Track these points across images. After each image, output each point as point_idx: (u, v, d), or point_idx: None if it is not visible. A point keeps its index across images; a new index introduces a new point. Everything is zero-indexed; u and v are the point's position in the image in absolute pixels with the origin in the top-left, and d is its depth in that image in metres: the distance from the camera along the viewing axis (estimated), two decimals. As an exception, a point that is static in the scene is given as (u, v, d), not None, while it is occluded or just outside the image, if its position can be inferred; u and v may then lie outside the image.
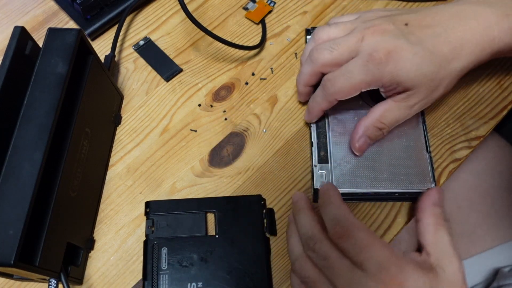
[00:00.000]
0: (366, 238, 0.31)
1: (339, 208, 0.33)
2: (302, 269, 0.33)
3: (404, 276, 0.30)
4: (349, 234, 0.31)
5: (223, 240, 0.37)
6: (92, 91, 0.37)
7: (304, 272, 0.33)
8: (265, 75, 0.45)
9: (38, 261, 0.29)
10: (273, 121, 0.43)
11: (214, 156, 0.42)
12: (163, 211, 0.38)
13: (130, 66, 0.46)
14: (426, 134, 0.40)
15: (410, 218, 0.39)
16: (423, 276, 0.30)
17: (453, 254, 0.32)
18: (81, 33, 0.35)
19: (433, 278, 0.30)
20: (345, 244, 0.31)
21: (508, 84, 0.44)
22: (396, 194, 0.38)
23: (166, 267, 0.36)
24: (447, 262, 0.32)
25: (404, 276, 0.30)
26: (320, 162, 0.39)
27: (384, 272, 0.29)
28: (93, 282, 0.37)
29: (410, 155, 0.39)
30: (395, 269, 0.30)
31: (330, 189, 0.34)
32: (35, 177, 0.29)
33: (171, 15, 0.49)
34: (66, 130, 0.34)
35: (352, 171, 0.38)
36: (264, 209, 0.39)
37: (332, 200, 0.33)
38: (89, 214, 0.38)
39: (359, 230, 0.31)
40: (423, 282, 0.30)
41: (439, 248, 0.32)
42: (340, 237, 0.31)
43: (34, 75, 0.32)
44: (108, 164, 0.41)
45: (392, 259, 0.30)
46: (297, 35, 0.47)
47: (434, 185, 0.38)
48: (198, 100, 0.44)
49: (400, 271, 0.30)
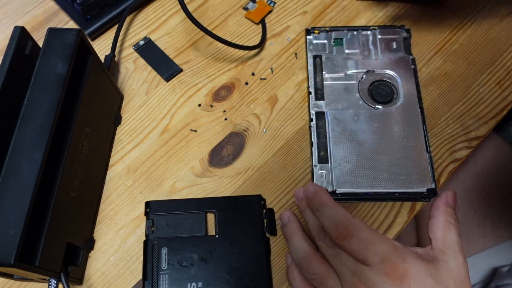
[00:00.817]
0: (369, 236, 0.31)
1: (335, 209, 0.33)
2: (310, 265, 0.33)
3: (406, 266, 0.30)
4: (352, 234, 0.31)
5: (223, 240, 0.37)
6: (92, 91, 0.37)
7: (313, 268, 0.33)
8: (265, 75, 0.45)
9: (38, 261, 0.29)
10: (273, 121, 0.43)
11: (214, 156, 0.42)
12: (163, 211, 0.38)
13: (130, 66, 0.46)
14: (426, 134, 0.40)
15: (410, 219, 0.39)
16: (424, 265, 0.31)
17: (459, 251, 0.33)
18: (81, 33, 0.35)
19: (434, 268, 0.31)
20: (349, 244, 0.31)
21: (508, 84, 0.44)
22: (396, 194, 0.38)
23: (166, 267, 0.36)
24: (452, 256, 0.32)
25: (406, 265, 0.30)
26: (320, 162, 0.39)
27: (387, 263, 0.30)
28: (93, 282, 0.37)
29: (410, 155, 0.39)
30: (397, 260, 0.30)
31: (318, 190, 0.34)
32: (35, 177, 0.29)
33: (171, 15, 0.49)
34: (66, 130, 0.34)
35: (352, 171, 0.38)
36: (264, 209, 0.39)
37: (325, 202, 0.34)
38: (89, 214, 0.38)
39: (361, 230, 0.32)
40: (424, 271, 0.30)
41: (446, 244, 0.33)
42: (344, 238, 0.31)
43: (34, 75, 0.32)
44: (108, 164, 0.41)
45: (394, 251, 0.31)
46: (297, 35, 0.47)
47: (434, 185, 0.38)
48: (198, 100, 0.44)
49: (402, 261, 0.30)
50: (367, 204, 0.39)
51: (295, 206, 0.39)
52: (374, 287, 0.30)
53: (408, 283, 0.30)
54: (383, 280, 0.30)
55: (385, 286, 0.30)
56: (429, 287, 0.30)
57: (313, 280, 0.33)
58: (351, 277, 0.31)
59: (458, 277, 0.31)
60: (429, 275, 0.30)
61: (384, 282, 0.30)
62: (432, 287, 0.30)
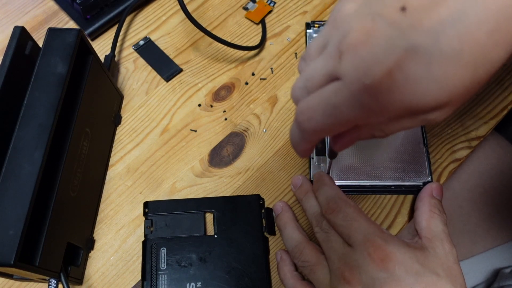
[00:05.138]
0: (354, 212, 0.32)
1: (331, 188, 0.34)
2: (302, 253, 0.34)
3: (390, 248, 0.30)
4: (339, 209, 0.32)
5: (221, 240, 0.37)
6: (92, 91, 0.37)
7: (304, 256, 0.34)
8: (265, 75, 0.45)
9: (38, 261, 0.29)
10: (273, 121, 0.43)
11: (214, 156, 0.42)
12: (161, 211, 0.38)
13: (130, 66, 0.46)
14: (423, 127, 0.40)
15: (410, 218, 0.39)
16: (410, 251, 0.30)
17: (445, 239, 0.32)
18: (81, 33, 0.35)
19: (421, 255, 0.31)
20: (336, 218, 0.32)
21: (508, 84, 0.44)
22: (393, 187, 0.38)
23: (165, 267, 0.36)
24: (438, 244, 0.32)
25: (390, 247, 0.30)
26: (317, 155, 0.39)
27: (369, 243, 0.30)
28: (93, 282, 0.37)
29: (407, 148, 0.39)
30: (380, 241, 0.30)
31: (323, 175, 0.36)
32: (35, 177, 0.29)
33: (171, 15, 0.49)
34: (66, 130, 0.34)
35: (349, 164, 0.38)
36: (263, 209, 0.39)
37: (325, 182, 0.35)
38: (89, 214, 0.38)
39: (348, 206, 0.32)
40: (409, 257, 0.30)
41: (432, 232, 0.33)
42: (331, 212, 0.32)
43: (34, 75, 0.32)
44: (108, 164, 0.41)
45: (377, 233, 0.31)
46: (297, 35, 0.47)
47: (430, 178, 0.38)
48: (198, 100, 0.44)
49: (385, 243, 0.30)
50: (368, 203, 0.39)
51: (295, 205, 0.39)
52: (358, 270, 0.30)
53: (392, 266, 0.29)
54: (367, 261, 0.30)
55: (369, 268, 0.29)
56: (415, 272, 0.29)
57: (304, 267, 0.34)
58: (338, 262, 0.31)
59: (447, 264, 0.31)
60: (416, 261, 0.30)
61: (367, 264, 0.29)
62: (418, 271, 0.29)
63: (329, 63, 0.22)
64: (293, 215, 0.37)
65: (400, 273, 0.29)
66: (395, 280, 0.29)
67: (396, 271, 0.29)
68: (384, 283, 0.29)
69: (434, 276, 0.29)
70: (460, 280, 0.30)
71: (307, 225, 0.38)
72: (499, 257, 0.55)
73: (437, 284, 0.29)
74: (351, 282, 0.30)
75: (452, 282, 0.30)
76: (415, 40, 0.18)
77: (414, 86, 0.19)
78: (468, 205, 0.58)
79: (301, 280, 0.34)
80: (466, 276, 0.31)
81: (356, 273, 0.30)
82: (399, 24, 0.19)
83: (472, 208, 0.57)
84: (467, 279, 0.32)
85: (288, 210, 0.37)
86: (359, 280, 0.30)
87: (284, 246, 0.37)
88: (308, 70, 0.23)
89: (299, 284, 0.34)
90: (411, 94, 0.20)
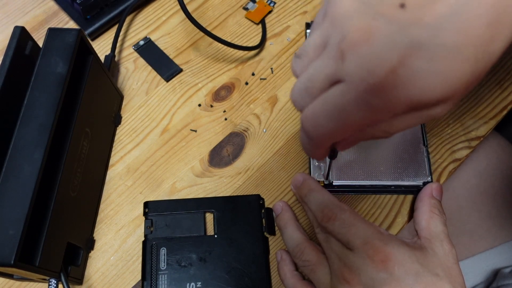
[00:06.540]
0: (350, 217, 0.32)
1: (321, 193, 0.34)
2: (303, 253, 0.34)
3: (390, 249, 0.30)
4: (335, 216, 0.32)
5: (221, 240, 0.37)
6: (92, 91, 0.37)
7: (305, 255, 0.34)
8: (265, 75, 0.45)
9: (38, 261, 0.29)
10: (273, 121, 0.43)
11: (214, 156, 0.42)
12: (161, 211, 0.38)
13: (130, 66, 0.46)
14: (423, 127, 0.40)
15: (410, 218, 0.39)
16: (409, 251, 0.30)
17: (445, 239, 0.32)
18: (81, 33, 0.35)
19: (420, 255, 0.31)
20: (333, 226, 0.32)
21: (508, 84, 0.44)
22: (393, 187, 0.38)
23: (165, 267, 0.36)
24: (438, 244, 0.32)
25: (389, 249, 0.30)
26: None
27: (369, 246, 0.30)
28: (93, 282, 0.37)
29: (407, 148, 0.39)
30: (379, 243, 0.30)
31: (306, 178, 0.36)
32: (35, 177, 0.29)
33: (171, 15, 0.49)
34: (66, 130, 0.34)
35: (349, 164, 0.38)
36: (263, 209, 0.39)
37: (312, 188, 0.35)
38: (89, 214, 0.38)
39: (343, 212, 0.32)
40: (409, 256, 0.30)
41: (431, 233, 0.33)
42: (328, 221, 0.32)
43: (34, 75, 0.32)
44: (108, 164, 0.41)
45: (376, 235, 0.31)
46: (297, 35, 0.47)
47: (430, 178, 0.38)
48: (198, 100, 0.44)
49: (385, 244, 0.30)
50: (367, 204, 0.39)
51: (295, 205, 0.39)
52: (358, 271, 0.30)
53: (391, 267, 0.29)
54: (366, 263, 0.29)
55: (368, 270, 0.29)
56: (415, 272, 0.29)
57: (304, 267, 0.34)
58: (338, 262, 0.31)
59: (446, 264, 0.31)
60: (415, 261, 0.30)
61: (367, 266, 0.29)
62: (418, 272, 0.29)
63: (330, 65, 0.22)
64: (294, 215, 0.37)
65: (400, 273, 0.29)
66: (395, 280, 0.29)
67: (395, 271, 0.29)
68: (384, 283, 0.29)
69: (433, 276, 0.30)
70: (459, 280, 0.30)
71: (308, 225, 0.38)
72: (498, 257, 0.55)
73: (437, 284, 0.29)
74: (351, 283, 0.30)
75: (452, 282, 0.30)
76: (417, 36, 0.19)
77: (418, 81, 0.19)
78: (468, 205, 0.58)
79: (301, 279, 0.34)
80: (465, 275, 0.31)
81: (356, 274, 0.30)
82: (400, 21, 0.19)
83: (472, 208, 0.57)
84: (467, 278, 0.32)
85: (288, 210, 0.37)
86: (359, 281, 0.30)
87: (284, 246, 0.37)
88: (308, 71, 0.23)
89: (300, 284, 0.34)
90: (415, 90, 0.20)
